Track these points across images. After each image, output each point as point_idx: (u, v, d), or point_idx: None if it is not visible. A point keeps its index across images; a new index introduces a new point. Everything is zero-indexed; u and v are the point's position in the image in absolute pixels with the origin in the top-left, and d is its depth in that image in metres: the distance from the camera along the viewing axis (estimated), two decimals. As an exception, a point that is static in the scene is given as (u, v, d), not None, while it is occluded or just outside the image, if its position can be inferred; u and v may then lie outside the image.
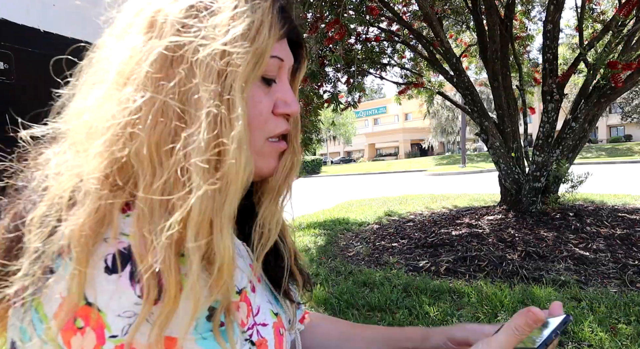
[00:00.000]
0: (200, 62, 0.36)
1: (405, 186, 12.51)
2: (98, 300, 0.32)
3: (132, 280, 0.33)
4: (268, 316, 0.48)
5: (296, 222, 6.22)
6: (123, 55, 0.38)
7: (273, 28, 0.41)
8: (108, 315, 0.32)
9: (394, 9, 4.97)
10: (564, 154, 4.38)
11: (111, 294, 0.32)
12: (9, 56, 0.95)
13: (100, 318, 0.32)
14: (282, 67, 0.46)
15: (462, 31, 6.56)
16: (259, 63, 0.40)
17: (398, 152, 45.26)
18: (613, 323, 2.22)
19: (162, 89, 0.36)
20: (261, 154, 0.46)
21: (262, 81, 0.44)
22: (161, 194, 0.35)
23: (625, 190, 7.12)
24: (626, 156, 18.95)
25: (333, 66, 5.10)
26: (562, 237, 3.77)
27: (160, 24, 0.38)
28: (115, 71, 0.37)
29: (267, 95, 0.45)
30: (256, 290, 0.48)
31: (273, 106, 0.45)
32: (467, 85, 4.76)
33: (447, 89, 8.10)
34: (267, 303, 0.50)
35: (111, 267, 0.33)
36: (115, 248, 0.33)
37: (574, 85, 7.62)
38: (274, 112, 0.46)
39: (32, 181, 0.39)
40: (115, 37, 0.40)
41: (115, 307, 0.32)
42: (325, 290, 3.09)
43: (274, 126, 0.46)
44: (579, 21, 4.45)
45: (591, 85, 4.15)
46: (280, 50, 0.45)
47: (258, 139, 0.45)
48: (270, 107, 0.45)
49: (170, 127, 0.36)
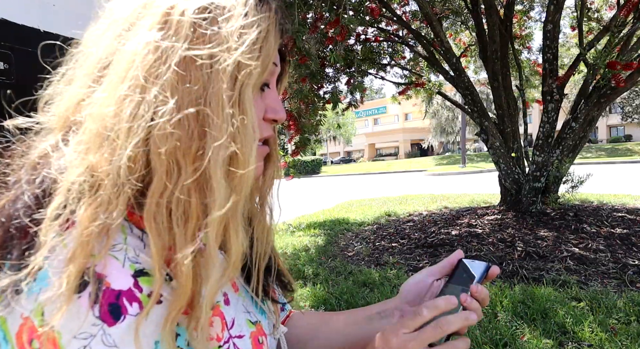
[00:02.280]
0: (223, 69, 0.37)
1: (405, 186, 12.51)
2: (55, 320, 0.31)
3: (92, 300, 0.32)
4: (245, 327, 0.48)
5: (296, 222, 6.22)
6: (138, 50, 0.37)
7: (276, 37, 0.42)
8: (63, 336, 0.31)
9: (393, 9, 4.97)
10: (564, 154, 4.38)
11: (69, 314, 0.31)
12: (9, 56, 0.95)
13: (56, 339, 0.31)
14: (274, 73, 0.47)
15: (461, 31, 6.56)
16: (266, 71, 0.41)
17: (398, 152, 45.25)
18: (613, 323, 2.22)
19: (189, 92, 0.36)
20: None
21: (258, 87, 0.45)
22: (178, 199, 0.35)
23: (625, 190, 7.12)
24: (626, 156, 18.95)
25: (333, 67, 5.09)
26: (562, 237, 3.77)
27: (175, 22, 0.37)
28: (131, 67, 0.36)
29: (260, 100, 0.46)
30: (230, 302, 0.48)
31: (263, 111, 0.47)
32: (467, 86, 4.76)
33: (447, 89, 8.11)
34: (243, 313, 0.49)
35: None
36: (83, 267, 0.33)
37: (574, 85, 7.62)
38: (264, 117, 0.47)
39: (23, 174, 0.38)
40: (119, 28, 0.39)
41: (72, 328, 0.31)
42: (325, 290, 3.09)
43: (262, 131, 0.47)
44: (579, 21, 4.45)
45: (591, 85, 4.15)
46: (276, 57, 0.46)
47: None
48: (262, 113, 0.46)
49: (195, 133, 0.36)
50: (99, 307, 0.32)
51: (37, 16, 1.00)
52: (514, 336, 2.16)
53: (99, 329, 0.32)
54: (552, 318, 2.31)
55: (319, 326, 0.69)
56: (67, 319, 0.31)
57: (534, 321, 2.31)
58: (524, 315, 2.39)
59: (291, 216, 7.02)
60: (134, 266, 0.35)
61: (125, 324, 0.33)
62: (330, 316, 0.71)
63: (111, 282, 0.33)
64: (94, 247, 0.33)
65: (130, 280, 0.34)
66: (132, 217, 0.39)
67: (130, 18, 0.39)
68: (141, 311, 0.34)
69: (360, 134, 46.84)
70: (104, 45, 0.39)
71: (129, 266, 0.35)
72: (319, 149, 37.55)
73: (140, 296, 0.34)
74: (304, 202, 9.62)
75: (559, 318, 2.30)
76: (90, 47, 0.40)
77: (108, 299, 0.33)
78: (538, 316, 2.35)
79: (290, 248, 4.55)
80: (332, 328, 0.68)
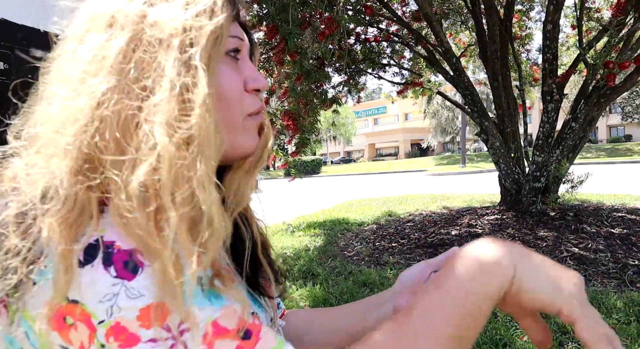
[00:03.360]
0: (162, 39, 0.38)
1: (405, 186, 12.51)
2: (77, 295, 0.33)
3: (105, 264, 0.33)
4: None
5: (296, 222, 6.22)
6: (86, 57, 0.38)
7: (226, 8, 0.43)
8: (89, 305, 0.32)
9: (393, 9, 4.97)
10: (564, 154, 4.38)
11: (87, 285, 0.33)
12: (9, 56, 0.95)
13: (84, 309, 0.32)
14: (242, 46, 0.49)
15: (461, 31, 6.56)
16: (219, 38, 0.42)
17: (398, 152, 45.25)
18: (613, 323, 2.22)
19: (125, 71, 0.37)
20: (244, 130, 0.48)
21: (229, 57, 0.47)
22: (132, 170, 0.35)
23: (625, 190, 7.12)
24: (626, 156, 18.95)
25: (332, 66, 5.10)
26: (562, 237, 3.77)
27: (120, 22, 0.39)
28: (81, 71, 0.38)
29: (236, 71, 0.47)
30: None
31: (244, 83, 0.48)
32: (467, 86, 4.76)
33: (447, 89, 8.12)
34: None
35: (83, 261, 0.33)
36: (85, 243, 0.34)
37: (574, 85, 7.63)
38: (246, 89, 0.48)
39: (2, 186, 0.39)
40: (75, 41, 0.41)
41: (92, 295, 0.33)
42: (325, 290, 3.09)
43: (251, 103, 0.48)
44: (578, 21, 4.45)
45: (591, 85, 4.15)
46: (238, 31, 0.48)
47: (238, 115, 0.47)
48: (242, 84, 0.48)
49: (135, 104, 0.37)
50: (114, 268, 0.33)
51: (37, 16, 1.00)
52: (514, 336, 2.16)
53: (120, 286, 0.33)
54: (552, 317, 2.31)
55: (313, 320, 0.70)
56: (87, 289, 0.33)
57: (533, 321, 2.31)
58: (524, 315, 2.39)
59: (291, 216, 7.02)
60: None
61: (145, 274, 0.34)
62: (325, 311, 0.71)
63: (121, 244, 0.34)
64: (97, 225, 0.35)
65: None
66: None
67: (83, 31, 0.41)
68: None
69: (360, 134, 46.85)
70: (64, 61, 0.41)
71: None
72: (319, 149, 37.54)
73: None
74: (304, 202, 9.62)
75: (558, 318, 2.30)
76: (54, 64, 0.42)
77: (121, 258, 0.34)
78: (538, 316, 2.35)
79: (290, 248, 4.55)
80: (327, 321, 0.68)
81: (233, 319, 0.36)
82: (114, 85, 0.37)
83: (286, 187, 14.48)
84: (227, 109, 0.46)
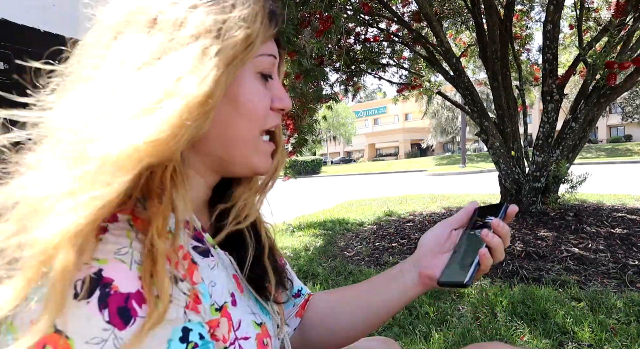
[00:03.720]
0: (202, 29, 0.40)
1: (405, 186, 12.51)
2: (66, 327, 0.31)
3: (100, 305, 0.32)
4: (251, 328, 0.48)
5: (296, 222, 6.22)
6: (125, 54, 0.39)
7: (265, 24, 0.44)
8: (76, 342, 0.31)
9: (393, 9, 4.97)
10: (563, 154, 4.38)
11: (79, 321, 0.32)
12: (9, 56, 0.95)
13: (69, 345, 0.31)
14: (275, 65, 0.49)
15: (461, 31, 6.56)
16: (249, 47, 0.43)
17: (398, 153, 45.23)
18: (613, 323, 2.22)
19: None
20: (257, 150, 0.49)
21: (261, 78, 0.47)
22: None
23: (625, 190, 7.12)
24: (626, 156, 18.95)
25: (331, 66, 5.09)
26: (562, 237, 3.77)
27: (162, 22, 0.40)
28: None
29: (266, 91, 0.48)
30: (237, 303, 0.48)
31: (271, 101, 0.49)
32: (467, 86, 4.76)
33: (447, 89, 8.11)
34: (249, 314, 0.50)
35: (80, 293, 0.32)
36: (85, 274, 0.33)
37: (574, 85, 7.63)
38: (271, 107, 0.49)
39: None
40: (110, 36, 0.41)
41: (84, 334, 0.31)
42: (325, 290, 3.09)
43: (270, 121, 0.50)
44: (578, 21, 4.45)
45: (591, 85, 4.15)
46: (273, 49, 0.49)
47: (254, 131, 0.48)
48: (269, 102, 0.49)
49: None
50: (108, 311, 0.32)
51: (37, 16, 1.00)
52: (514, 336, 2.16)
53: (110, 333, 0.32)
54: (552, 318, 2.31)
55: (336, 301, 0.70)
56: (77, 325, 0.31)
57: (533, 321, 2.31)
58: (524, 315, 2.39)
59: (291, 216, 7.02)
60: (140, 269, 0.35)
61: (135, 327, 0.33)
62: (347, 289, 0.71)
63: (119, 285, 0.33)
64: (93, 252, 0.33)
65: (138, 282, 0.34)
66: (137, 222, 0.39)
67: (121, 26, 0.41)
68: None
69: (360, 134, 46.81)
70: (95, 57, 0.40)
71: (136, 268, 0.35)
72: (319, 149, 37.53)
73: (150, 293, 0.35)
74: (304, 202, 9.62)
75: (558, 318, 2.30)
76: (80, 57, 0.41)
77: (117, 303, 0.33)
78: (538, 316, 2.35)
79: (290, 248, 4.55)
80: (350, 299, 0.68)
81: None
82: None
83: (286, 187, 14.49)
84: (247, 124, 0.47)
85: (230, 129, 0.46)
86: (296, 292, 0.70)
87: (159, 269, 0.35)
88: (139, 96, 0.36)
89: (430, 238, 0.63)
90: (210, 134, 0.45)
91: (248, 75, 0.45)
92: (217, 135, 0.46)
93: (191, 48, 0.38)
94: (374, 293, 0.66)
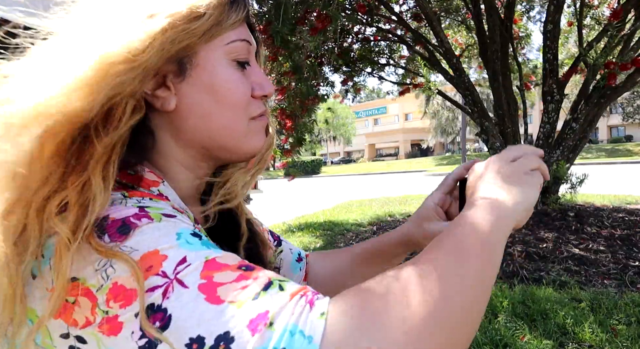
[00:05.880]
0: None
1: (406, 187, 12.50)
2: (75, 272, 0.33)
3: (98, 236, 0.34)
4: None
5: (296, 222, 6.22)
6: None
7: (224, 5, 0.44)
8: (88, 278, 0.32)
9: (392, 9, 4.96)
10: (564, 154, 4.37)
11: (82, 260, 0.33)
12: (8, 56, 0.94)
13: (83, 284, 0.32)
14: (250, 51, 0.49)
15: (456, 32, 6.54)
16: (196, 21, 0.42)
17: (398, 153, 45.24)
18: (613, 323, 2.21)
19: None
20: (249, 133, 0.49)
21: (237, 65, 0.47)
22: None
23: (625, 190, 7.11)
24: (626, 157, 18.94)
25: (330, 65, 5.08)
26: (562, 237, 3.77)
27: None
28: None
29: (244, 78, 0.47)
30: None
31: (251, 89, 0.48)
32: (468, 86, 4.75)
33: (447, 89, 8.11)
34: None
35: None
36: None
37: (574, 85, 7.63)
38: (253, 95, 0.48)
39: None
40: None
41: (89, 267, 0.33)
42: (325, 290, 3.08)
43: (255, 108, 0.49)
44: (578, 21, 4.44)
45: (591, 85, 4.15)
46: (246, 34, 0.48)
47: (242, 120, 0.47)
48: (250, 90, 0.48)
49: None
50: (107, 235, 0.34)
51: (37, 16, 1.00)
52: (514, 337, 2.16)
53: (114, 248, 0.33)
54: (553, 318, 2.31)
55: (329, 261, 0.71)
56: (81, 265, 0.33)
57: (534, 322, 2.31)
58: (524, 316, 2.39)
59: (291, 216, 7.01)
60: (137, 204, 0.37)
61: (138, 231, 0.34)
62: (343, 250, 0.72)
63: (115, 216, 0.35)
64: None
65: (135, 209, 0.36)
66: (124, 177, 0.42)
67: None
68: (152, 221, 0.35)
69: (360, 134, 46.82)
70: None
71: (132, 204, 0.37)
72: (318, 150, 37.55)
73: (150, 212, 0.36)
74: (303, 203, 9.62)
75: (559, 319, 2.29)
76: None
77: (114, 225, 0.34)
78: (538, 317, 2.35)
79: (290, 248, 4.55)
80: (345, 256, 0.70)
81: (232, 259, 0.35)
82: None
83: (286, 187, 14.48)
84: (228, 113, 0.46)
85: (213, 120, 0.46)
86: (297, 257, 0.70)
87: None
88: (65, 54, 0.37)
89: (426, 212, 0.66)
90: (192, 126, 0.45)
91: (222, 63, 0.45)
92: (200, 127, 0.46)
93: (130, 14, 0.39)
94: (387, 264, 0.67)
